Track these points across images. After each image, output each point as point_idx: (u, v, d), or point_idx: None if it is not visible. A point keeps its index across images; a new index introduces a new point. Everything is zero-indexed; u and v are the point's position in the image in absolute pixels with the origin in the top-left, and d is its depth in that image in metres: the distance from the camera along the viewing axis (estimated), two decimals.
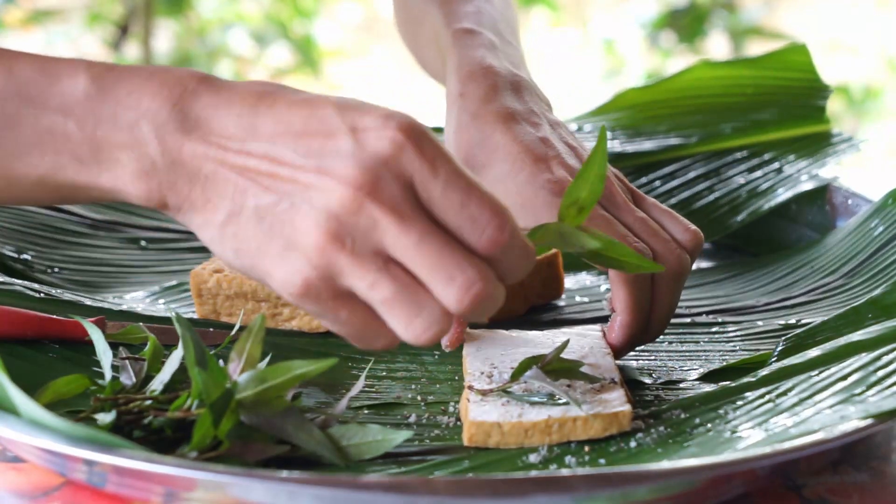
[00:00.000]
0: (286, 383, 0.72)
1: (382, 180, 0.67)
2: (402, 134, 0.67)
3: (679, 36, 3.26)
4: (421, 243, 0.67)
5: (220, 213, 0.69)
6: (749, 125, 1.18)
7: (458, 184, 0.67)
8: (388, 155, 0.67)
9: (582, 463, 0.74)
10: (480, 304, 0.67)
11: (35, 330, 0.86)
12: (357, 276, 0.67)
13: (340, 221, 0.67)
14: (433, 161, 0.67)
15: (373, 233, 0.67)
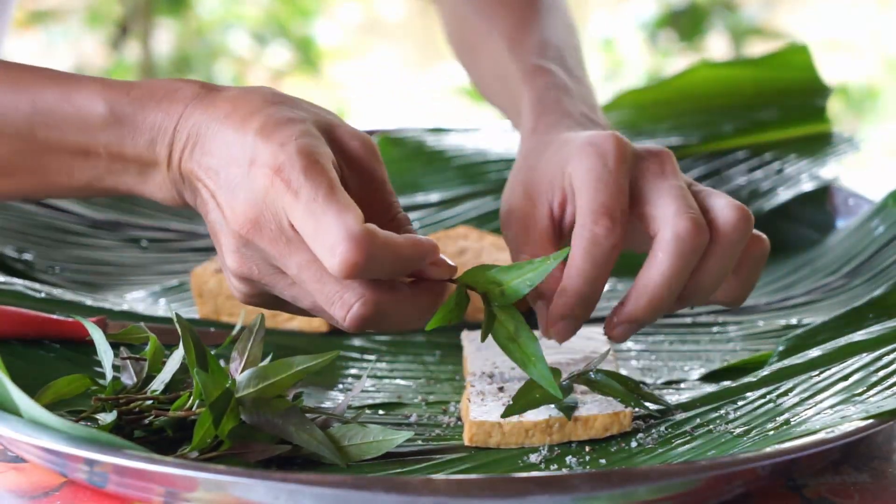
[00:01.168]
0: (287, 380, 0.72)
1: (261, 220, 0.72)
2: (274, 171, 0.72)
3: (679, 36, 3.25)
4: (300, 273, 0.72)
5: (204, 217, 0.76)
6: (749, 125, 1.18)
7: (316, 205, 0.71)
8: (263, 191, 0.72)
9: (583, 463, 0.74)
10: (365, 322, 0.72)
11: (36, 330, 0.86)
12: (277, 291, 0.74)
13: (240, 254, 0.74)
14: (298, 188, 0.71)
15: (266, 262, 0.73)
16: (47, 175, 0.79)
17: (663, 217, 0.79)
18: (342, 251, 0.69)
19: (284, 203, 0.71)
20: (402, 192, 1.15)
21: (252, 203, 0.72)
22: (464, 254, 0.98)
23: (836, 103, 3.13)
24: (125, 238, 1.08)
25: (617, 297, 1.01)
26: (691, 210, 0.79)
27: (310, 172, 0.71)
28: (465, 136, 1.21)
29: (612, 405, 0.77)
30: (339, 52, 3.47)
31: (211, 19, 3.28)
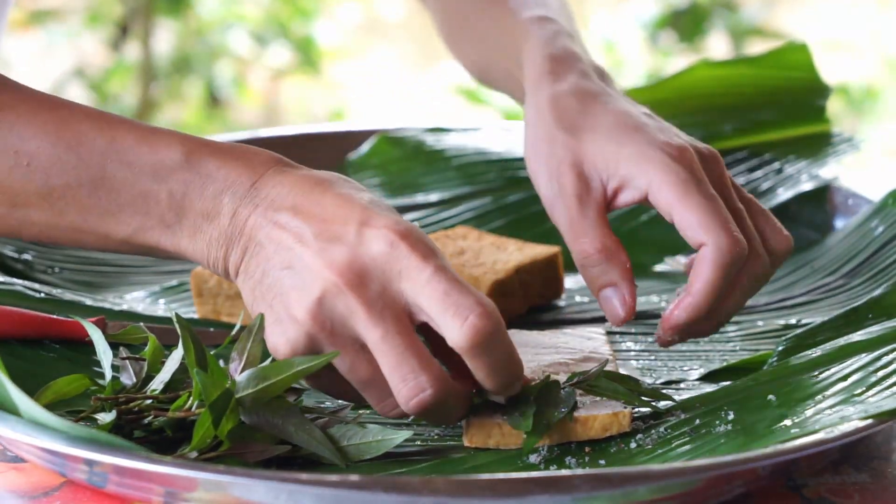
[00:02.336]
0: (287, 380, 0.72)
1: (367, 275, 0.72)
2: (398, 235, 0.72)
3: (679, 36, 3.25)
4: (384, 339, 0.72)
5: (256, 274, 0.75)
6: (749, 125, 1.18)
7: (444, 276, 0.72)
8: (381, 253, 0.72)
9: (582, 464, 0.74)
10: (427, 409, 0.72)
11: (35, 330, 0.86)
12: (338, 359, 0.73)
13: (322, 304, 0.72)
14: (424, 256, 0.72)
15: (348, 320, 0.72)
16: (90, 214, 0.77)
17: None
18: (476, 316, 0.71)
19: (406, 266, 0.72)
20: (401, 193, 1.15)
21: (359, 258, 0.72)
22: (463, 254, 0.98)
23: (836, 103, 3.13)
24: None
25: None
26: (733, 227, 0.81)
27: (433, 246, 0.73)
28: (465, 136, 1.21)
29: (612, 405, 0.77)
30: (339, 52, 3.47)
31: (211, 19, 3.28)
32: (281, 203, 0.75)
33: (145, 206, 0.76)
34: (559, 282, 0.99)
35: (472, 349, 0.71)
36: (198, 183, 0.76)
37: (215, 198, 0.76)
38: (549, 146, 0.87)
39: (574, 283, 1.03)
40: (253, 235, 0.75)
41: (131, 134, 0.77)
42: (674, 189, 0.82)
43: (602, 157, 0.85)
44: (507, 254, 0.98)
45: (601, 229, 0.84)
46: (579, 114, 0.88)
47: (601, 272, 0.83)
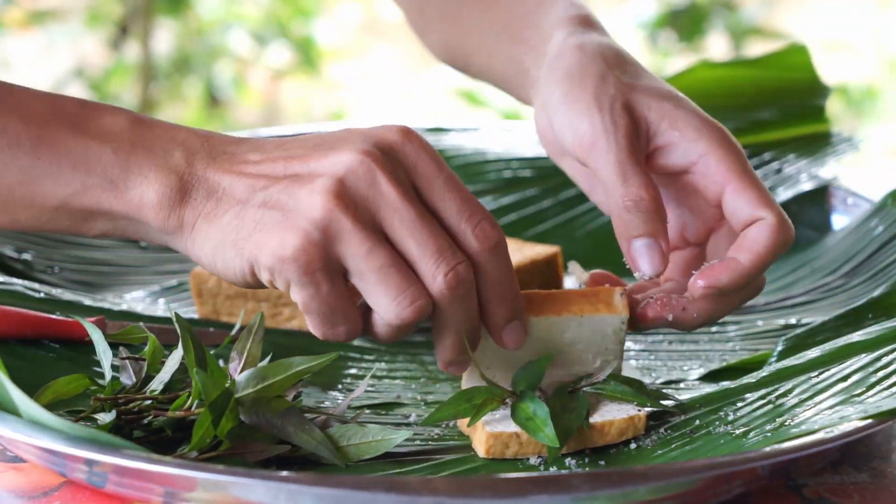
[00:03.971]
0: (286, 380, 0.72)
1: (389, 158, 0.71)
2: (406, 132, 0.72)
3: (679, 36, 3.25)
4: (418, 220, 0.70)
5: (227, 215, 0.72)
6: (749, 125, 1.18)
7: (457, 183, 0.72)
8: (395, 141, 0.72)
9: (582, 465, 0.74)
10: (461, 289, 0.71)
11: (35, 330, 0.86)
12: (356, 243, 0.70)
13: (346, 185, 0.70)
14: (436, 159, 0.72)
15: (375, 201, 0.71)
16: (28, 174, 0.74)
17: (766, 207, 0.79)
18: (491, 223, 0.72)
19: (420, 161, 0.72)
20: None
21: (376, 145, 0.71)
22: None
23: (836, 103, 3.13)
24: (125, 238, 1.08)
25: None
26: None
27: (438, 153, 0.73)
28: (464, 136, 1.21)
29: (623, 409, 0.76)
30: (339, 52, 3.47)
31: (211, 19, 3.28)
32: (245, 156, 0.73)
33: (87, 163, 0.74)
34: (559, 282, 0.99)
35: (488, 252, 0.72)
36: (146, 141, 0.74)
37: (166, 152, 0.73)
38: (600, 82, 0.82)
39: (574, 283, 1.03)
40: (217, 182, 0.73)
41: (75, 103, 0.76)
42: (734, 164, 0.79)
43: (658, 110, 0.81)
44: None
45: (650, 176, 0.79)
46: (628, 65, 0.84)
47: (644, 220, 0.78)
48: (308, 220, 0.70)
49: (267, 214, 0.71)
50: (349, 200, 0.70)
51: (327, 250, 0.70)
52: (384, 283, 0.70)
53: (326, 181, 0.70)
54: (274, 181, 0.72)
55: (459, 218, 0.72)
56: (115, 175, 0.74)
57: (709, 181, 0.80)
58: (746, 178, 0.79)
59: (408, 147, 0.72)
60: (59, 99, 0.76)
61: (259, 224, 0.71)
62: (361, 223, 0.70)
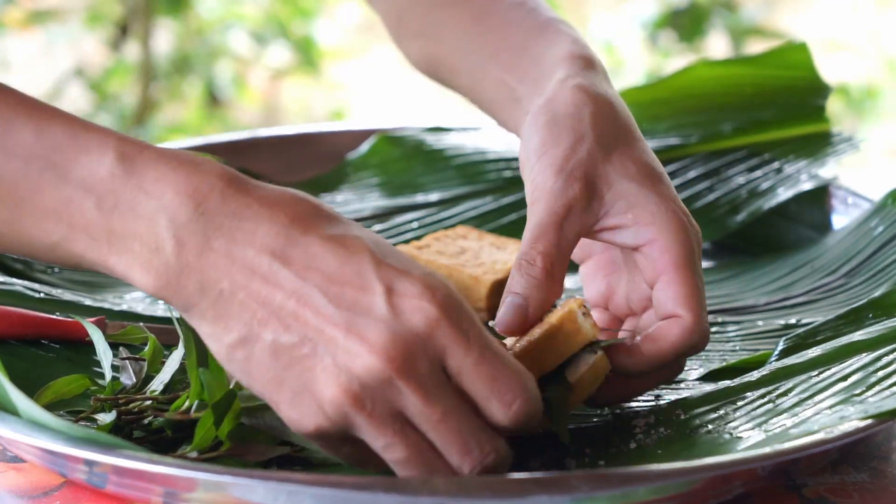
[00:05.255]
0: None
1: (414, 356, 0.66)
2: (438, 309, 0.66)
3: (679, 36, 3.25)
4: (444, 420, 0.67)
5: (231, 335, 0.67)
6: (749, 124, 1.18)
7: (489, 357, 0.67)
8: (422, 331, 0.66)
9: (581, 464, 0.74)
10: (489, 470, 0.68)
11: (35, 330, 0.86)
12: (372, 436, 0.67)
13: (364, 386, 0.66)
14: (467, 334, 0.67)
15: (396, 401, 0.67)
16: (13, 214, 0.69)
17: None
18: (521, 403, 0.67)
19: (450, 342, 0.66)
20: (401, 192, 1.15)
21: (401, 340, 0.65)
22: (463, 254, 0.98)
23: (836, 103, 3.13)
24: None
25: None
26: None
27: (473, 316, 0.68)
28: (464, 136, 1.21)
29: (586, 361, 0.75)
30: (339, 52, 3.47)
31: (211, 19, 3.28)
32: (250, 241, 0.67)
33: (70, 215, 0.69)
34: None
35: (514, 429, 0.68)
36: (129, 198, 0.68)
37: (150, 220, 0.67)
38: (575, 143, 0.81)
39: (574, 283, 1.03)
40: (214, 280, 0.67)
41: (62, 129, 0.69)
42: (677, 256, 0.78)
43: (619, 191, 0.80)
44: (507, 254, 0.98)
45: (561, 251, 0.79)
46: (617, 124, 0.83)
47: (524, 282, 0.78)
48: (322, 409, 0.67)
49: (278, 368, 0.67)
50: (366, 399, 0.66)
51: (343, 434, 0.68)
52: (401, 471, 0.68)
53: (342, 376, 0.66)
54: (285, 328, 0.66)
55: (490, 398, 0.67)
56: (98, 235, 0.69)
57: (649, 266, 0.79)
58: (682, 273, 0.78)
59: (437, 332, 0.66)
60: (47, 125, 0.70)
61: (273, 381, 0.67)
62: (378, 419, 0.67)
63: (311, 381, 0.66)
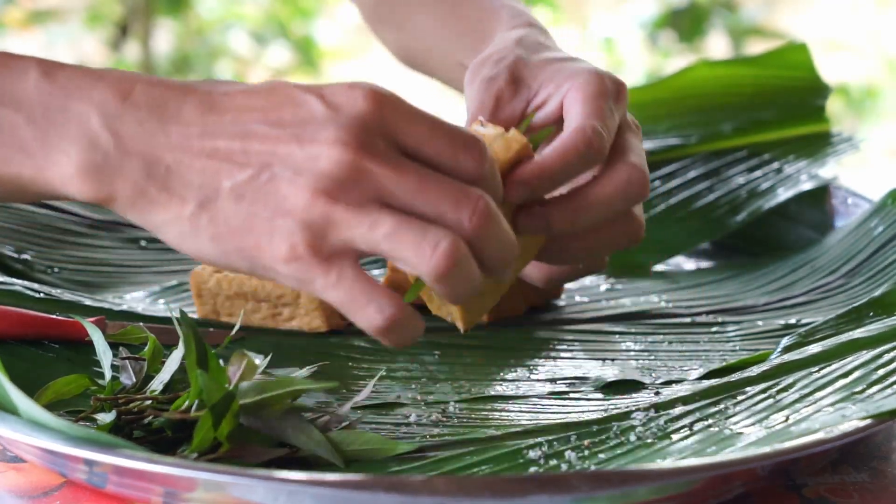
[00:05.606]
0: (285, 396, 0.72)
1: (369, 137, 0.67)
2: (372, 94, 0.68)
3: (679, 36, 3.25)
4: (422, 185, 0.67)
5: (188, 205, 0.68)
6: (749, 125, 1.18)
7: (439, 123, 0.69)
8: (366, 112, 0.67)
9: (582, 458, 0.74)
10: (490, 223, 0.68)
11: (35, 330, 0.86)
12: (355, 224, 0.66)
13: (333, 180, 0.66)
14: (409, 111, 0.68)
15: (369, 186, 0.67)
16: None
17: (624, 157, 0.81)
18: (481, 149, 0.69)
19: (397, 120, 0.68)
20: None
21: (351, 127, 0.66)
22: None
23: (836, 103, 3.13)
24: (124, 238, 1.08)
25: (616, 295, 1.01)
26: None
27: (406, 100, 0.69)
28: None
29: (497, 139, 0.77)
30: (339, 52, 3.47)
31: (211, 19, 3.28)
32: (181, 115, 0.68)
33: (3, 136, 0.70)
34: None
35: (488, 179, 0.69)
36: (58, 105, 0.69)
37: (81, 120, 0.69)
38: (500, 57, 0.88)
39: (574, 283, 1.03)
40: (156, 159, 0.68)
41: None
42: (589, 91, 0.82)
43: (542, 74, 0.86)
44: None
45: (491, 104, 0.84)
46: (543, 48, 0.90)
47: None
48: (297, 220, 0.67)
49: (244, 210, 0.67)
50: (339, 192, 0.66)
51: (322, 243, 0.67)
52: (398, 244, 0.67)
53: (310, 180, 0.66)
54: (239, 167, 0.67)
55: (455, 156, 0.68)
56: (32, 147, 0.70)
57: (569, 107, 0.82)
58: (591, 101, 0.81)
59: (382, 113, 0.67)
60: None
61: (243, 225, 0.68)
62: (356, 207, 0.66)
63: (282, 201, 0.67)
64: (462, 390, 0.85)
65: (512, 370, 0.88)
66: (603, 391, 0.84)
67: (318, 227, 0.66)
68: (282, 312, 0.93)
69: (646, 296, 1.01)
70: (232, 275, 0.93)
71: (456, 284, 0.68)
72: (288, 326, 0.93)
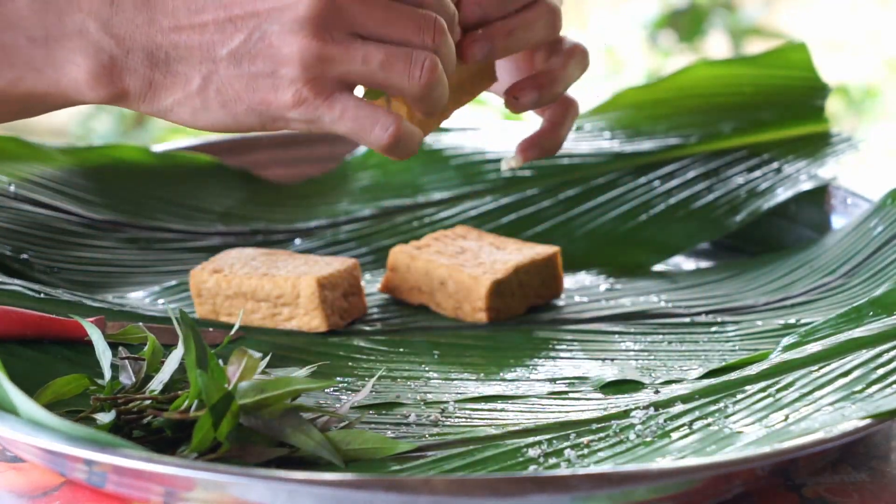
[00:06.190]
0: (284, 395, 0.72)
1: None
2: None
3: (679, 36, 3.25)
4: (387, 14, 0.75)
5: (194, 81, 0.75)
6: (748, 125, 1.18)
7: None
8: None
9: (581, 456, 0.74)
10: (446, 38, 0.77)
11: (35, 330, 0.87)
12: (348, 59, 0.75)
13: (315, 22, 0.74)
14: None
15: (346, 20, 0.74)
16: None
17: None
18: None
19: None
20: (400, 193, 1.15)
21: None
22: (463, 253, 0.98)
23: (836, 103, 3.13)
24: (124, 238, 1.08)
25: (616, 295, 1.01)
26: None
27: None
28: (463, 136, 1.21)
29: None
30: None
31: None
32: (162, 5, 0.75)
33: (9, 58, 0.76)
34: (558, 281, 0.99)
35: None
36: (53, 21, 0.75)
37: (80, 30, 0.75)
38: None
39: (574, 283, 1.03)
40: (156, 47, 0.75)
41: None
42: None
43: None
44: (507, 254, 0.98)
45: None
46: None
47: None
48: (295, 65, 0.74)
49: (245, 71, 0.75)
50: (324, 31, 0.74)
51: (323, 82, 0.75)
52: (391, 72, 0.75)
53: (295, 26, 0.73)
54: (229, 34, 0.74)
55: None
56: (41, 64, 0.76)
57: None
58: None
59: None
60: None
61: (248, 85, 0.75)
62: (343, 42, 0.74)
63: (277, 52, 0.74)
64: (462, 390, 0.85)
65: (512, 370, 0.88)
66: (602, 391, 0.84)
67: (316, 68, 0.74)
68: (281, 312, 0.93)
69: (645, 296, 1.01)
70: (231, 275, 0.93)
71: (436, 97, 0.77)
72: (287, 326, 0.93)
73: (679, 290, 1.03)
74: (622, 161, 1.15)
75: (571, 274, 1.05)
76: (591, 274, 1.06)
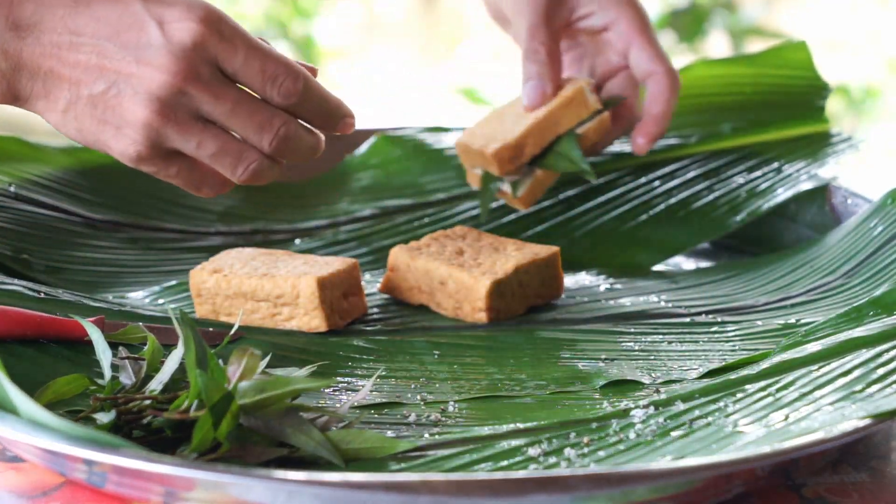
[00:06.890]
0: (284, 395, 0.72)
1: (193, 66, 0.81)
2: (201, 24, 0.81)
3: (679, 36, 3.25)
4: (235, 108, 0.83)
5: (60, 103, 0.83)
6: (748, 125, 1.18)
7: (256, 54, 0.82)
8: (192, 43, 0.81)
9: (581, 455, 0.74)
10: (289, 143, 0.84)
11: (35, 330, 0.86)
12: (184, 140, 0.83)
13: (163, 100, 0.81)
14: (232, 40, 0.82)
15: (192, 106, 0.82)
16: None
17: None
18: (292, 78, 0.82)
19: (219, 50, 0.81)
20: (401, 193, 1.15)
21: (179, 56, 0.81)
22: (463, 254, 0.98)
23: (835, 103, 3.13)
24: (124, 238, 1.08)
25: (616, 295, 1.01)
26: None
27: (235, 24, 0.82)
28: None
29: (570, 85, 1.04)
30: (339, 52, 3.47)
31: None
32: (52, 29, 0.82)
33: None
34: (558, 281, 0.99)
35: (292, 105, 0.83)
36: None
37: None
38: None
39: (574, 283, 1.03)
40: (37, 66, 0.83)
41: None
42: (639, 26, 1.07)
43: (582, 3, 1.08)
44: (506, 254, 0.98)
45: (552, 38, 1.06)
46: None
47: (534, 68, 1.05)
48: (136, 132, 0.82)
49: (98, 116, 0.83)
50: (168, 111, 0.81)
51: (161, 149, 0.83)
52: (219, 164, 0.84)
53: (144, 99, 0.81)
54: (94, 80, 0.82)
55: (264, 86, 0.83)
56: None
57: (619, 39, 1.08)
58: (648, 37, 1.07)
59: (209, 42, 0.81)
60: None
61: (98, 127, 0.83)
62: (184, 125, 0.82)
63: (124, 113, 0.82)
64: (462, 390, 0.85)
65: (512, 370, 0.88)
66: (602, 391, 0.84)
67: (155, 137, 0.82)
68: (281, 312, 0.93)
69: (646, 295, 1.01)
70: (231, 275, 0.93)
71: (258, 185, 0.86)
72: (287, 326, 0.93)
73: (679, 290, 1.03)
74: (623, 161, 1.15)
75: (571, 274, 1.05)
76: (591, 274, 1.06)
